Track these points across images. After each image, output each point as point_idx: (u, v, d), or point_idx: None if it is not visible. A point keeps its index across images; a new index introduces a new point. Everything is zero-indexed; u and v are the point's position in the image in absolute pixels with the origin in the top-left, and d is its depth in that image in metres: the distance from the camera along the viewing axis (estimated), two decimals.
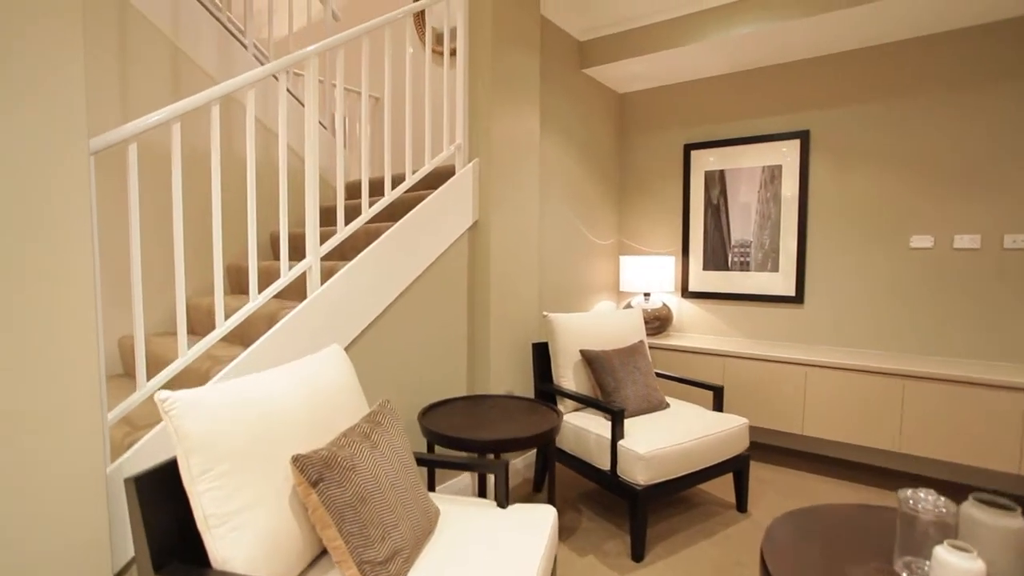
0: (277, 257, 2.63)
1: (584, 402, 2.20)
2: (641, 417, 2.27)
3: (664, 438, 2.02)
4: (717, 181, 3.21)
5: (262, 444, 1.09)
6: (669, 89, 3.37)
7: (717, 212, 3.23)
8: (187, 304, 2.23)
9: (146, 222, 2.13)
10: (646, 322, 3.16)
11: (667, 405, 2.41)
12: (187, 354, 1.48)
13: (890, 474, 2.69)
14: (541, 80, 2.83)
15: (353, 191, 2.93)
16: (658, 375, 2.63)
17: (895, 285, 2.72)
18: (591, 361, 2.34)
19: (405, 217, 2.05)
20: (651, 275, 3.16)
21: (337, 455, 1.12)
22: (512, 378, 2.47)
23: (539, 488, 2.53)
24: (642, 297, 3.31)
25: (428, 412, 2.01)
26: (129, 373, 2.06)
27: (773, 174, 3.03)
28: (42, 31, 1.12)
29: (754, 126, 3.09)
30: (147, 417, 1.59)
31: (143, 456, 1.33)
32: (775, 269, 3.04)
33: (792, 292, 2.99)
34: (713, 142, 3.20)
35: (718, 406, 2.39)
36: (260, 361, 1.58)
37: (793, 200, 2.98)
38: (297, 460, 1.08)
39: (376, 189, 2.81)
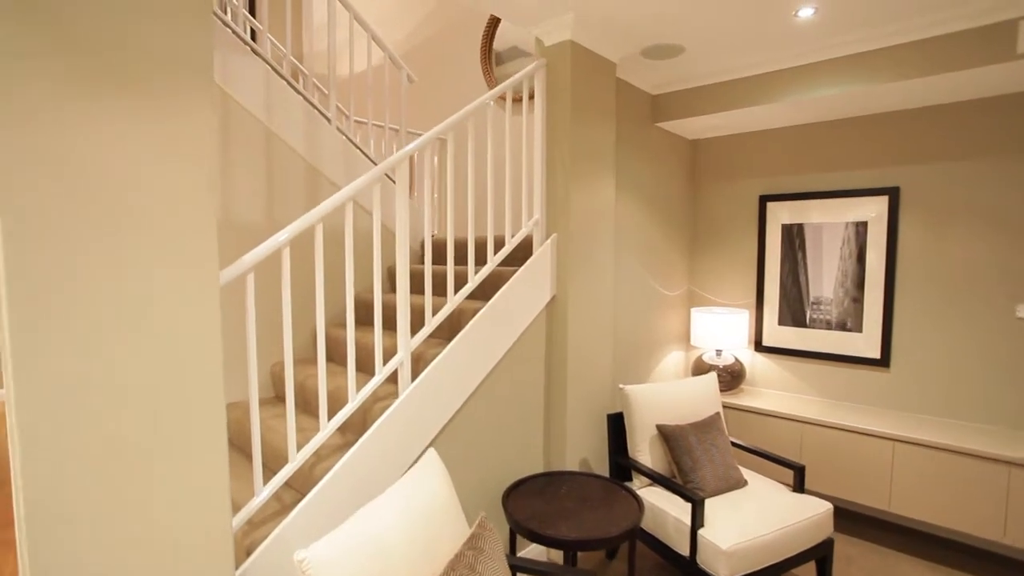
0: (365, 321, 2.74)
1: (662, 483, 2.19)
2: (719, 498, 2.24)
3: (746, 528, 1.99)
4: (795, 235, 3.10)
5: None
6: (744, 138, 3.27)
7: (795, 266, 3.11)
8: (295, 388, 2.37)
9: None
10: (717, 376, 3.10)
11: (745, 483, 2.36)
12: (295, 459, 1.58)
13: (994, 559, 2.53)
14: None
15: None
16: (734, 445, 2.58)
17: (996, 356, 2.55)
18: (668, 438, 2.33)
19: (493, 298, 2.10)
20: (724, 332, 3.09)
21: None
22: (587, 448, 2.49)
23: (612, 556, 2.53)
24: (714, 352, 3.24)
25: (510, 495, 2.05)
26: (236, 445, 2.22)
27: (857, 231, 2.90)
28: (183, 180, 1.22)
29: (837, 180, 2.96)
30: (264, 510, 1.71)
31: (264, 565, 1.44)
32: (857, 329, 2.91)
33: (876, 355, 2.85)
34: (791, 195, 3.09)
35: (799, 486, 2.32)
36: (357, 464, 1.67)
37: (879, 259, 2.83)
38: None
39: (441, 256, 2.88)
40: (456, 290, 2.41)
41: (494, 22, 3.66)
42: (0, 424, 4.57)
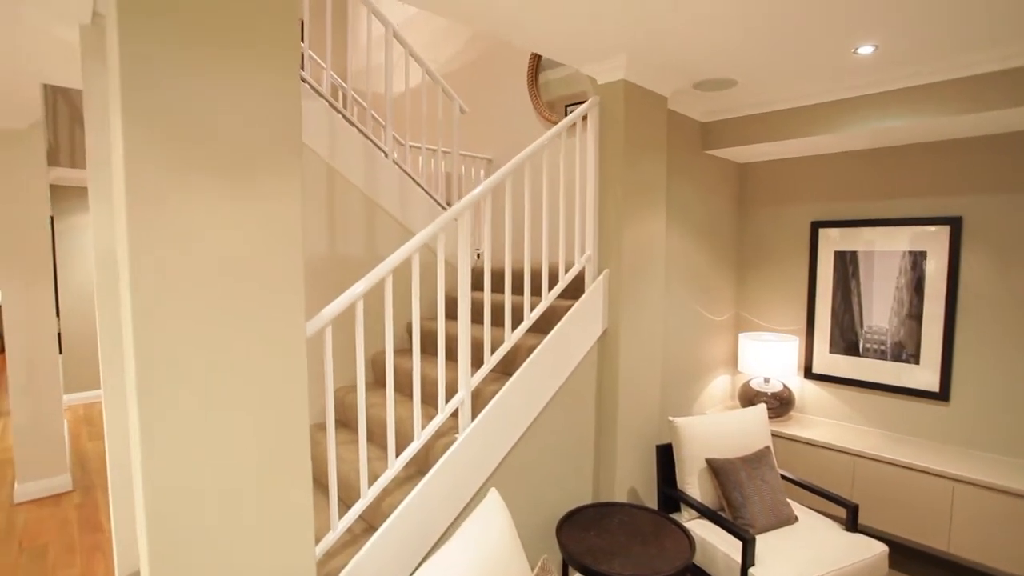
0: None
1: (711, 517, 2.21)
2: (770, 535, 2.25)
3: (800, 569, 1.99)
4: (848, 262, 3.05)
5: None
6: (796, 162, 3.23)
7: (848, 294, 3.06)
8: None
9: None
10: (765, 403, 3.08)
11: (795, 519, 2.35)
12: (367, 494, 1.69)
13: None
14: None
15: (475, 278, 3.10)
16: (784, 478, 2.57)
17: None
18: (717, 472, 2.35)
19: (549, 335, 2.16)
20: (773, 359, 3.06)
21: None
22: (635, 478, 2.53)
23: None
24: (761, 379, 3.22)
25: (563, 526, 2.12)
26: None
27: (915, 259, 2.83)
28: (278, 247, 1.33)
29: (894, 207, 2.90)
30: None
31: None
32: (915, 360, 2.84)
33: (935, 388, 2.78)
34: (845, 221, 3.04)
35: (852, 525, 2.30)
36: (421, 500, 1.76)
37: (939, 290, 2.76)
38: None
39: (495, 286, 2.96)
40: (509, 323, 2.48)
41: None
42: (84, 439, 4.91)
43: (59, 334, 5.10)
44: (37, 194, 3.49)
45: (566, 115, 3.86)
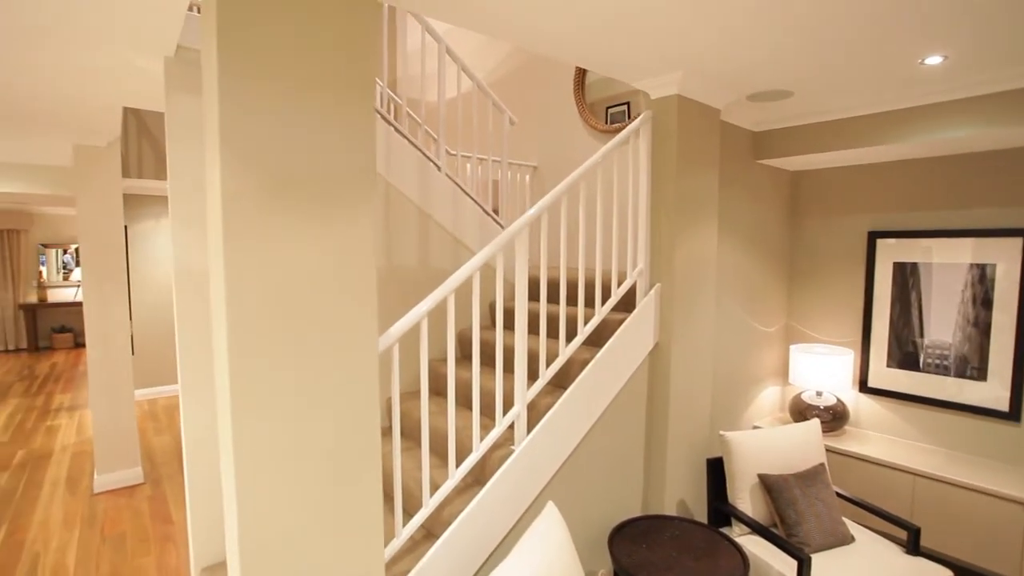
0: (468, 356, 2.93)
1: (764, 534, 2.20)
2: (825, 554, 2.21)
3: None
4: (909, 274, 2.95)
5: None
6: (852, 171, 3.14)
7: (907, 306, 2.96)
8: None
9: None
10: (817, 416, 3.02)
11: (852, 539, 2.31)
12: (429, 504, 1.77)
13: None
14: None
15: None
16: (839, 496, 2.52)
17: None
18: (770, 488, 2.33)
19: (602, 350, 2.20)
20: (827, 372, 3.00)
21: None
22: (684, 491, 2.53)
23: None
24: (813, 392, 3.15)
25: (615, 538, 2.15)
26: None
27: (983, 272, 2.72)
28: (354, 274, 1.41)
29: (959, 218, 2.79)
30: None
31: None
32: (981, 378, 2.73)
33: (1004, 407, 2.67)
34: (905, 232, 2.94)
35: (913, 548, 2.24)
36: (479, 510, 1.83)
37: (1010, 303, 2.64)
38: None
39: (536, 294, 3.01)
40: (563, 338, 2.52)
41: None
42: (150, 434, 5.22)
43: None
44: (114, 205, 3.74)
45: (607, 117, 3.86)
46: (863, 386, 3.14)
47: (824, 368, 3.00)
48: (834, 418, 3.06)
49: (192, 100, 2.15)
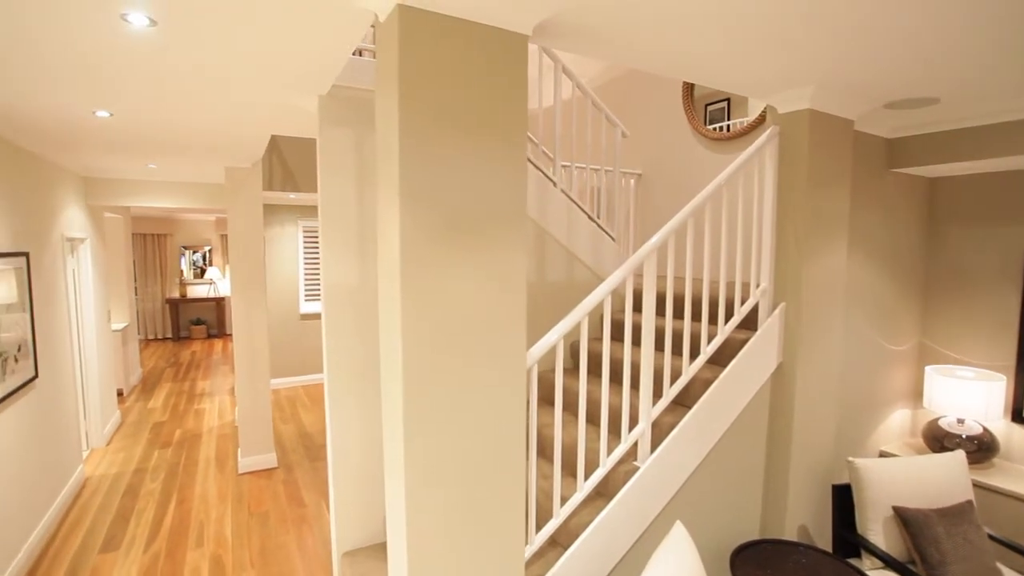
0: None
1: (902, 572, 2.08)
2: None
3: None
4: None
5: None
6: (1001, 177, 2.85)
7: None
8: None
9: None
10: (959, 446, 2.78)
11: None
12: (559, 514, 1.87)
13: None
14: None
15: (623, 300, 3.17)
16: (991, 538, 2.32)
17: None
18: (908, 523, 2.19)
19: (726, 369, 2.19)
20: (971, 398, 2.75)
21: None
22: (805, 516, 2.45)
23: None
24: (953, 419, 2.90)
25: (736, 561, 2.13)
26: None
27: None
28: (507, 298, 1.53)
29: None
30: None
31: None
32: None
33: None
34: None
35: None
36: (605, 523, 1.90)
37: None
38: None
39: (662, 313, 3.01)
40: (687, 356, 2.52)
41: None
42: (278, 422, 5.79)
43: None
44: (256, 218, 4.21)
45: (706, 114, 3.76)
46: (1016, 416, 2.84)
47: (969, 393, 2.75)
48: (979, 449, 2.80)
49: (342, 132, 2.40)
